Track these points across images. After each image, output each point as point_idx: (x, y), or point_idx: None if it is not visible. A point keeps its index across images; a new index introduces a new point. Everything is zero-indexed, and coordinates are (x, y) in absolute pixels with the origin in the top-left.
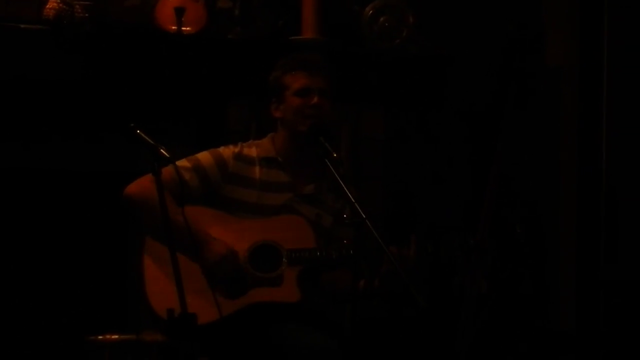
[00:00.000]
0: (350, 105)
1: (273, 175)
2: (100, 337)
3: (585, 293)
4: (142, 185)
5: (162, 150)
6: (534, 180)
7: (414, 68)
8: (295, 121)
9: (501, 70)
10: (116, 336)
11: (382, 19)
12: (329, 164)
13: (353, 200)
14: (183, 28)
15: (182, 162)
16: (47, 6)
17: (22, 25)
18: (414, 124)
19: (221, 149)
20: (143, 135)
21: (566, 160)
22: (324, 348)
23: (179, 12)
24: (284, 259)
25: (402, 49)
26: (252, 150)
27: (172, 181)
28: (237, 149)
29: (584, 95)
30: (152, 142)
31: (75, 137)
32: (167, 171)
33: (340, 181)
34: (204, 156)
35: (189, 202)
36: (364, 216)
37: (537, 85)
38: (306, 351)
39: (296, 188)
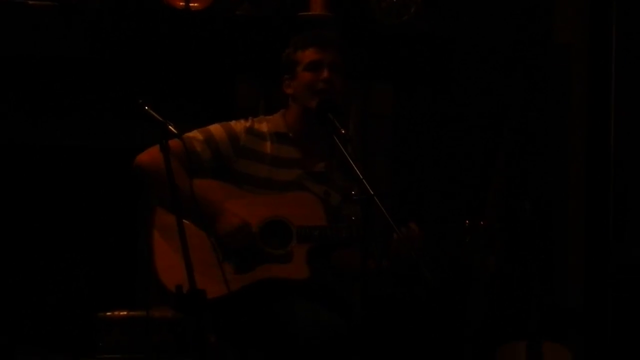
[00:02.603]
0: (358, 83)
1: (284, 151)
2: (109, 313)
3: (594, 271)
4: (152, 155)
5: (170, 126)
6: (543, 158)
7: (423, 45)
8: (306, 96)
9: (511, 48)
10: (125, 312)
11: None
12: (336, 140)
13: (361, 177)
14: (191, 4)
15: (194, 134)
16: None
17: (31, 2)
18: (423, 101)
19: (233, 123)
20: (151, 111)
21: (575, 139)
22: (332, 325)
23: None
24: (293, 236)
25: (411, 26)
26: (262, 125)
27: (182, 153)
28: (248, 124)
29: (593, 72)
30: (160, 118)
31: (84, 114)
32: (177, 143)
33: (348, 158)
34: (216, 128)
35: (200, 174)
36: (372, 193)
37: (546, 63)
38: (314, 328)
39: (306, 165)
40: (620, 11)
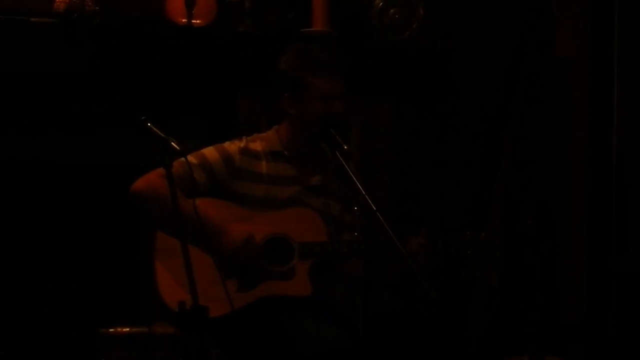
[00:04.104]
0: (360, 98)
1: (280, 169)
2: (112, 329)
3: (596, 284)
4: (149, 181)
5: (173, 143)
6: (545, 171)
7: (424, 60)
8: (313, 124)
9: (511, 62)
10: (127, 329)
11: (392, 11)
12: (339, 156)
13: (364, 193)
14: (193, 21)
15: (189, 159)
16: None
17: (33, 19)
18: (424, 116)
19: (227, 145)
20: (154, 128)
21: (577, 151)
22: (335, 341)
23: (189, 4)
24: (295, 253)
25: (412, 42)
26: (257, 144)
27: (180, 176)
28: (242, 144)
29: (594, 86)
30: (163, 135)
31: (86, 130)
32: (174, 166)
33: (351, 174)
34: (210, 152)
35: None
36: (375, 208)
37: (547, 76)
38: (317, 344)
39: (303, 180)
40: (622, 23)
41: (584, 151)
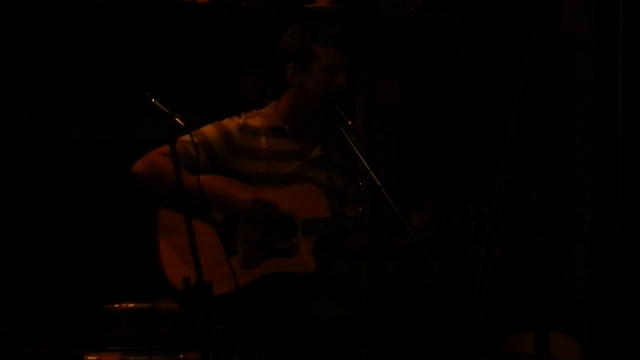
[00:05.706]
0: (364, 74)
1: (280, 144)
2: (116, 305)
3: (601, 260)
4: (149, 160)
5: (177, 119)
6: (549, 147)
7: (429, 36)
8: (316, 95)
9: (516, 38)
10: (132, 305)
11: None
12: (343, 131)
13: (368, 168)
14: None
15: (188, 137)
16: None
17: None
18: (429, 92)
19: (225, 122)
20: (158, 104)
21: (581, 127)
22: (340, 317)
23: None
24: (299, 229)
25: (417, 17)
26: (256, 120)
27: (181, 154)
28: (241, 120)
29: (599, 63)
30: (167, 110)
31: (90, 107)
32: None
33: (356, 149)
34: (209, 130)
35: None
36: (379, 184)
37: (552, 53)
38: (322, 320)
39: (304, 154)
40: (627, 1)
41: (588, 127)
